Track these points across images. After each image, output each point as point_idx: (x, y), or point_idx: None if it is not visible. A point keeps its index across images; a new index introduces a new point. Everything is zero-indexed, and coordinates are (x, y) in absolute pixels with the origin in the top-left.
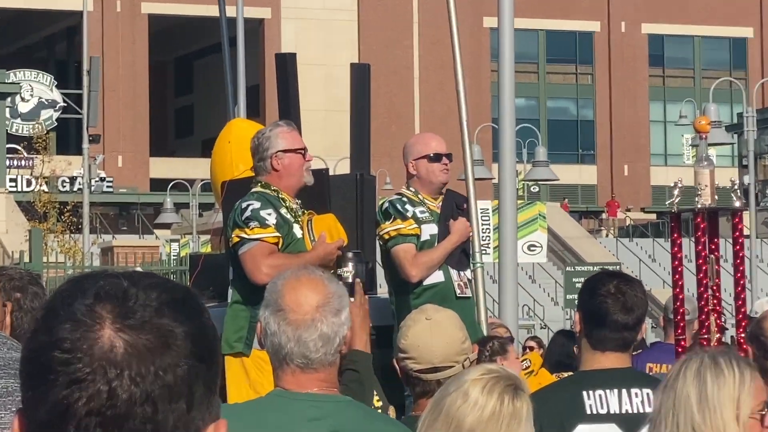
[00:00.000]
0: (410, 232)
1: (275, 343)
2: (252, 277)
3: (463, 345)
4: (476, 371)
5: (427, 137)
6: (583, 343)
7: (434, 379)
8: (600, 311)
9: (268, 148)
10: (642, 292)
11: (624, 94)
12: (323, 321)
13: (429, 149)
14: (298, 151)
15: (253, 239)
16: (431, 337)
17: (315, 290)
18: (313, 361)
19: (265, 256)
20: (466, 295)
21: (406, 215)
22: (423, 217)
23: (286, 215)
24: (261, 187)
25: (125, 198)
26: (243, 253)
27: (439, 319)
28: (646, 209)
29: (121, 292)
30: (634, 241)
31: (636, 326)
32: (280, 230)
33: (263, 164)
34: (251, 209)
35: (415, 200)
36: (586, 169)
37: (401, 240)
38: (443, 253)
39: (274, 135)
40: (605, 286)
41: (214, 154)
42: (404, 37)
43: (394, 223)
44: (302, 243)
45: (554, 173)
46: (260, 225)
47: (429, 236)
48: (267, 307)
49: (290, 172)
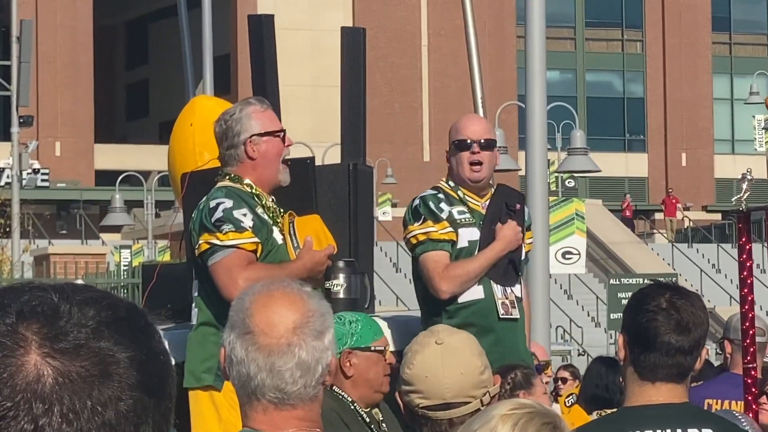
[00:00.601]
0: (443, 237)
1: (243, 374)
2: (226, 293)
3: (481, 376)
4: (506, 405)
5: (465, 119)
6: (629, 373)
7: (446, 417)
8: (648, 331)
9: (240, 132)
10: (701, 307)
11: (681, 66)
12: (302, 346)
13: (458, 133)
14: (276, 134)
15: (227, 246)
16: (443, 367)
17: (291, 308)
18: (289, 395)
19: (243, 267)
20: (513, 316)
21: (440, 216)
22: (462, 219)
23: (264, 216)
24: (230, 180)
25: (64, 194)
26: (215, 264)
27: (453, 344)
28: (709, 208)
29: (50, 309)
30: (694, 247)
31: (693, 350)
32: (258, 235)
33: (234, 152)
34: (223, 209)
35: (453, 197)
36: (635, 159)
37: (431, 246)
38: (483, 264)
39: (246, 115)
40: (655, 301)
41: (172, 140)
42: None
43: (424, 225)
44: (284, 250)
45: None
46: (235, 229)
47: (467, 243)
48: (232, 329)
49: (269, 161)
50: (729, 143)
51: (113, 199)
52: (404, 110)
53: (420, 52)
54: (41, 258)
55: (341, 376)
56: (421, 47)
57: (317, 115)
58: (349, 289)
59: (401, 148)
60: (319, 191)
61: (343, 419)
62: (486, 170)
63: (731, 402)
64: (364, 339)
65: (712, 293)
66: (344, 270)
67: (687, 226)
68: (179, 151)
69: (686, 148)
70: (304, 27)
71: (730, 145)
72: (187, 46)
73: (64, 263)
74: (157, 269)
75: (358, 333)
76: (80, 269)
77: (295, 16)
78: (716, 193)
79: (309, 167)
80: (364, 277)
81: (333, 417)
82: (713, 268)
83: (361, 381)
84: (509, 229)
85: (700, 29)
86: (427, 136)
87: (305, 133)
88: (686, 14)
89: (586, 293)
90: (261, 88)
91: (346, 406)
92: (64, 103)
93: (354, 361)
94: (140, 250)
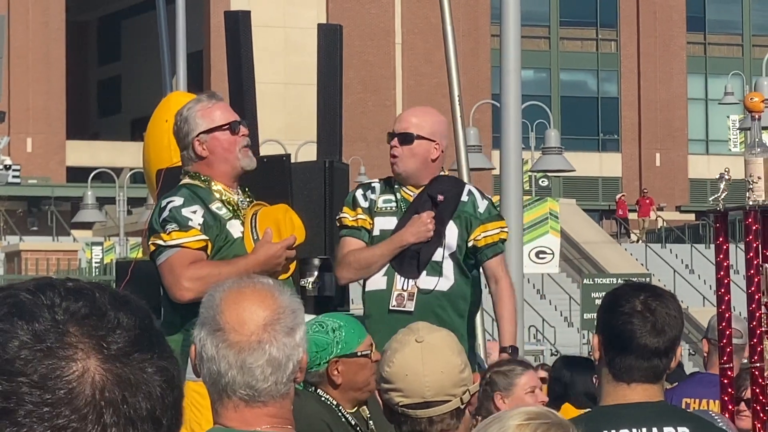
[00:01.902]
0: (354, 223)
1: (213, 371)
2: (171, 293)
3: (461, 374)
4: (519, 415)
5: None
6: (604, 373)
7: (425, 416)
8: (624, 333)
9: (188, 132)
10: (676, 308)
11: (656, 66)
12: (272, 343)
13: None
14: (223, 128)
15: (171, 246)
16: (423, 365)
17: (262, 304)
18: (260, 392)
19: (185, 266)
20: (405, 309)
21: (358, 203)
22: (384, 208)
23: (219, 211)
24: (190, 177)
25: (35, 191)
26: (160, 264)
27: (433, 342)
28: (683, 208)
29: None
30: (668, 247)
31: (669, 351)
32: (208, 232)
33: (186, 153)
34: (170, 208)
35: (390, 188)
36: (609, 158)
37: (344, 233)
38: (383, 252)
39: (192, 115)
40: (630, 302)
41: (147, 137)
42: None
43: (342, 211)
44: (241, 245)
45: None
46: (180, 227)
47: (379, 231)
48: (203, 326)
49: (219, 156)
50: (703, 143)
51: (85, 195)
52: (378, 108)
53: (394, 50)
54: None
55: (329, 385)
56: (395, 45)
57: (290, 112)
58: (323, 286)
59: (374, 146)
60: (295, 189)
61: (330, 425)
62: (403, 164)
63: (710, 401)
64: (349, 345)
65: (686, 294)
66: (318, 268)
67: (660, 226)
68: (154, 147)
69: (660, 148)
70: (277, 24)
71: (704, 145)
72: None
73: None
74: (132, 266)
75: (343, 341)
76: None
77: (269, 14)
78: (690, 193)
79: (285, 164)
80: None
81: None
82: (686, 268)
83: (349, 386)
84: (418, 220)
85: (675, 29)
86: None
87: (278, 130)
88: (661, 14)
89: (560, 293)
90: (237, 84)
91: (333, 411)
92: (36, 99)
93: (341, 369)
94: (112, 247)
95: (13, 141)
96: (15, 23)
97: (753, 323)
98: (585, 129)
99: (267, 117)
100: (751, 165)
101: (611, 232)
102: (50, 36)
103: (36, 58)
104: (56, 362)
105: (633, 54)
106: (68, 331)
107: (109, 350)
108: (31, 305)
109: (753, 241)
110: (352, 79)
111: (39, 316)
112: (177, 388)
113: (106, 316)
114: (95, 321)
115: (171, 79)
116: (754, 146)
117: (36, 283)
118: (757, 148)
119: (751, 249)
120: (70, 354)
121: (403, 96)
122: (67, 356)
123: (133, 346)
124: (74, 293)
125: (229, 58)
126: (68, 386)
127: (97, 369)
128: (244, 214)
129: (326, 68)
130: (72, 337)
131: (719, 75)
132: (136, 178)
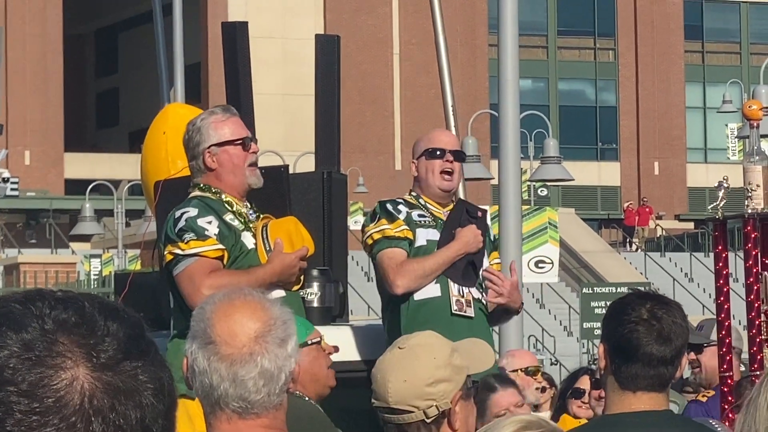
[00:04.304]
0: (398, 234)
1: (206, 384)
2: (191, 302)
3: (428, 388)
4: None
5: (436, 132)
6: (609, 382)
7: (391, 422)
8: (630, 342)
9: (200, 142)
10: (682, 317)
11: (654, 74)
12: (264, 354)
13: (428, 144)
14: (236, 143)
15: (189, 255)
16: (391, 371)
17: (253, 316)
18: (253, 404)
19: (206, 274)
20: (466, 314)
21: (396, 216)
22: (420, 221)
23: (233, 222)
24: (200, 190)
25: (34, 203)
26: (179, 274)
27: (413, 351)
28: (681, 217)
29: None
30: (667, 256)
31: (675, 360)
32: (224, 242)
33: (195, 163)
34: (186, 218)
35: (414, 203)
36: (608, 167)
37: (386, 244)
38: (439, 261)
39: (206, 126)
40: (635, 311)
41: (145, 149)
42: (380, 2)
43: (378, 224)
44: (255, 255)
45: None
46: (197, 237)
47: (426, 241)
48: (194, 339)
49: (229, 170)
50: (702, 152)
51: (83, 208)
52: (376, 119)
53: (391, 61)
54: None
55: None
56: (392, 56)
57: (288, 123)
58: (323, 297)
59: (372, 156)
60: (293, 199)
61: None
62: (456, 180)
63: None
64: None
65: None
66: (318, 278)
67: (659, 234)
68: (152, 159)
69: (659, 156)
70: (275, 35)
71: (702, 153)
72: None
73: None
74: (130, 278)
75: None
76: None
77: (266, 25)
78: (689, 202)
79: (283, 175)
80: (338, 286)
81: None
82: (686, 277)
83: (308, 378)
84: (469, 231)
85: (673, 37)
86: (398, 145)
87: (276, 141)
88: (659, 22)
89: (559, 302)
90: (235, 96)
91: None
92: (34, 112)
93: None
94: (110, 260)
95: (11, 154)
96: (12, 36)
97: (753, 331)
98: (583, 138)
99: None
100: (749, 173)
101: (610, 241)
102: (48, 48)
103: (33, 71)
104: (45, 371)
105: (631, 63)
106: (57, 341)
107: (99, 359)
108: (21, 315)
109: (752, 249)
110: (350, 89)
111: (28, 325)
112: (168, 396)
113: (95, 325)
114: (85, 330)
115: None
116: (753, 154)
117: (26, 293)
118: (756, 156)
119: (750, 257)
120: (58, 363)
121: (401, 106)
122: (55, 365)
123: (123, 354)
124: (63, 303)
125: (226, 70)
126: (56, 395)
127: (86, 377)
128: (254, 226)
129: (324, 79)
130: (61, 346)
131: (717, 83)
132: (134, 190)
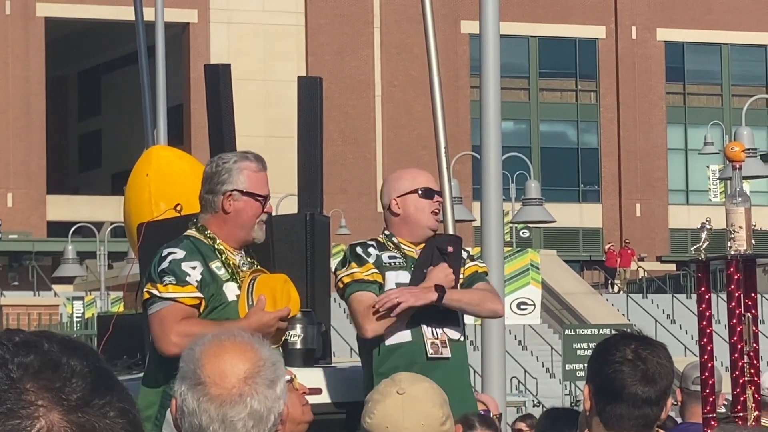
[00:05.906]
0: (368, 278)
1: (195, 425)
2: (158, 345)
3: (442, 427)
4: None
5: (414, 171)
6: (594, 423)
7: None
8: (615, 383)
9: (224, 181)
10: (667, 358)
11: (635, 116)
12: (254, 395)
13: (418, 183)
14: (258, 198)
15: (165, 298)
16: (404, 418)
17: (242, 357)
18: None
19: (176, 321)
20: (443, 355)
21: (365, 259)
22: (391, 263)
23: (218, 270)
24: (196, 229)
25: (16, 245)
26: (151, 315)
27: (415, 394)
28: (663, 258)
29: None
30: (649, 297)
31: (660, 401)
32: (204, 290)
33: (211, 198)
34: (171, 259)
35: (387, 244)
36: (589, 209)
37: (356, 287)
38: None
39: (238, 169)
40: (620, 352)
41: (128, 191)
42: (362, 44)
43: (348, 267)
44: (233, 308)
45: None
46: (177, 281)
47: (395, 285)
48: (183, 380)
49: (241, 220)
50: (683, 193)
51: (65, 250)
52: (358, 160)
53: (374, 103)
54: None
55: None
56: (374, 97)
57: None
58: (305, 339)
59: (355, 198)
60: (276, 241)
61: None
62: (438, 219)
63: None
64: None
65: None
66: (301, 320)
67: (641, 276)
68: (135, 201)
69: (640, 198)
70: (257, 77)
71: (684, 195)
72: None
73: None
74: (113, 320)
75: None
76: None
77: (248, 67)
78: (671, 243)
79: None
80: (321, 328)
81: None
82: (668, 318)
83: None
84: (440, 271)
85: (654, 79)
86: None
87: None
88: (640, 64)
89: (541, 344)
90: (218, 137)
91: None
92: (16, 154)
93: None
94: (93, 302)
95: None
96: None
97: (736, 373)
98: (565, 180)
99: None
100: (732, 214)
101: (592, 282)
102: (30, 90)
103: (16, 113)
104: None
105: (612, 104)
106: (25, 389)
107: (69, 401)
108: None
109: (735, 290)
110: (332, 131)
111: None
112: (138, 427)
113: (59, 366)
114: (50, 373)
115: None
116: (735, 195)
117: None
118: (738, 198)
119: (733, 298)
120: (31, 412)
121: (383, 148)
122: (29, 415)
123: (91, 392)
124: (24, 347)
125: (209, 111)
126: None
127: (60, 423)
128: (242, 277)
129: (306, 120)
130: (30, 394)
131: (699, 125)
132: (117, 233)
